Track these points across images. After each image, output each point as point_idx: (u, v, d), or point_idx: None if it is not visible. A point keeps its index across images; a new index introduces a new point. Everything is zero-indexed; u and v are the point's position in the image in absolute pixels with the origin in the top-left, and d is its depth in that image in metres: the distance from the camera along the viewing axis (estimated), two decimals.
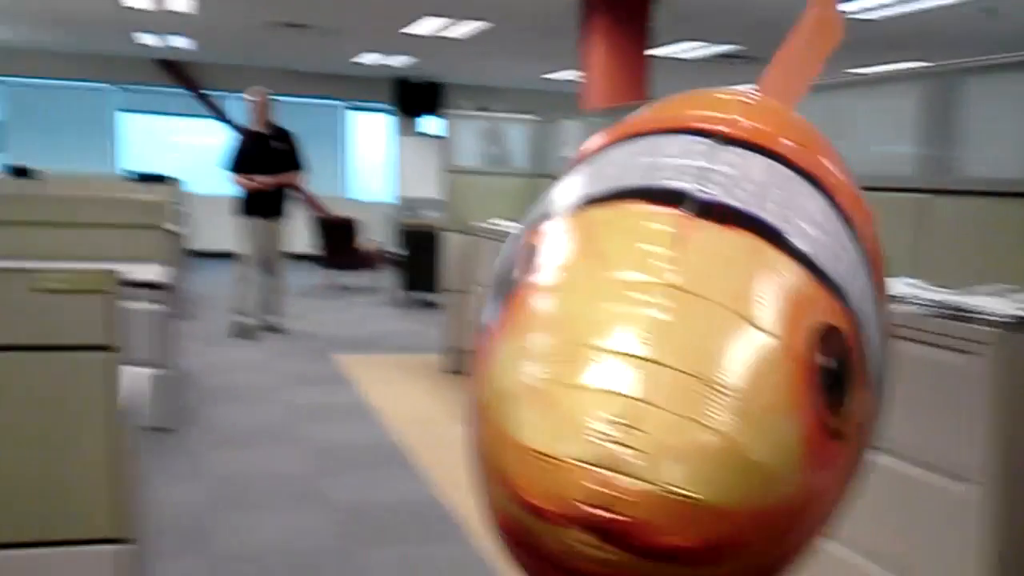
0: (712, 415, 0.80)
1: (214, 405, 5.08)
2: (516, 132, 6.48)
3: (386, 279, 10.03)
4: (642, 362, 0.82)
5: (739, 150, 1.02)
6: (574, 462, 0.78)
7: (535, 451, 0.81)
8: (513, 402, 0.87)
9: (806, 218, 0.99)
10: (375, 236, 10.97)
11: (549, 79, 12.72)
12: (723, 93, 1.16)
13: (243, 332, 7.00)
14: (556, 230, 1.02)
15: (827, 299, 0.94)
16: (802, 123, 1.16)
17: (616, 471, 0.77)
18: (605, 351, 0.83)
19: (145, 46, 11.84)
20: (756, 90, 1.23)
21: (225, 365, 6.13)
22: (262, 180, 6.80)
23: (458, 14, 8.79)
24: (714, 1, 7.67)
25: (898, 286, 2.49)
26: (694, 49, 10.10)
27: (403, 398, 5.49)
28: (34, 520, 1.96)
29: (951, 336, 2.10)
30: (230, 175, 6.96)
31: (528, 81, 13.17)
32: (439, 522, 3.47)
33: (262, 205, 6.95)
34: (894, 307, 1.32)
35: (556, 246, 1.00)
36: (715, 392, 0.81)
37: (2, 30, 11.04)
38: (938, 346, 2.12)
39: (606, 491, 0.77)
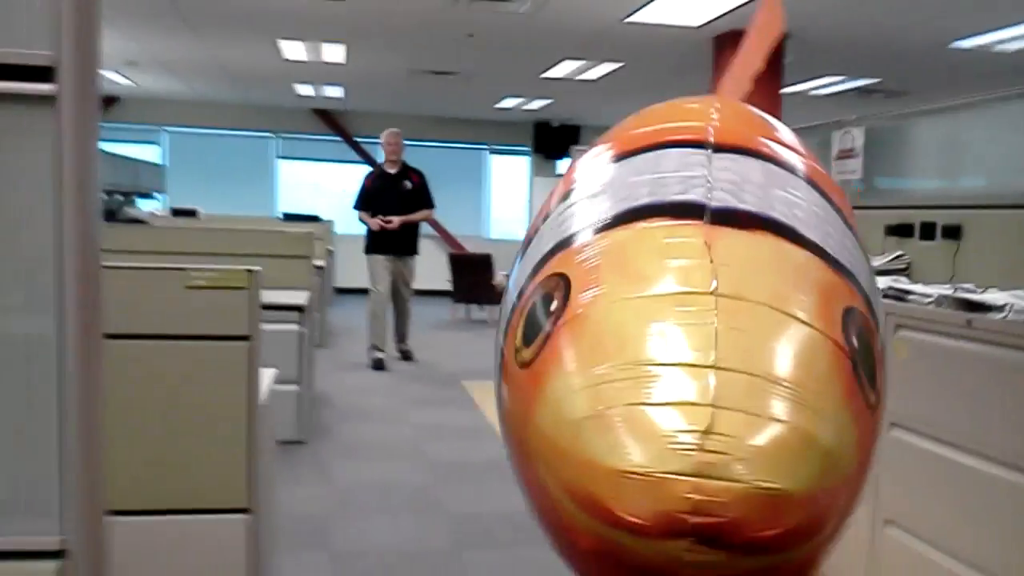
0: (781, 410, 0.85)
1: (344, 422, 5.39)
2: None
3: None
4: (705, 370, 0.85)
5: (731, 155, 1.08)
6: (666, 475, 0.80)
7: (625, 472, 0.83)
8: (591, 430, 0.88)
9: (808, 212, 1.05)
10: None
11: None
12: (691, 102, 1.23)
13: (378, 365, 7.32)
14: (583, 258, 1.05)
15: (843, 284, 1.01)
16: (761, 116, 1.23)
17: (707, 477, 0.80)
18: (667, 364, 0.87)
19: (302, 96, 12.59)
20: (716, 94, 1.29)
21: (357, 388, 6.49)
22: (389, 219, 7.15)
23: (595, 56, 9.01)
24: (850, 35, 7.63)
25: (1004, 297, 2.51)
26: (831, 85, 10.01)
27: None
28: (182, 489, 2.22)
29: None
30: (359, 213, 7.42)
31: None
32: None
33: (391, 243, 7.30)
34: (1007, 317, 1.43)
35: (589, 274, 1.03)
36: (777, 387, 0.86)
37: (173, 83, 11.97)
38: None
39: (701, 497, 0.80)
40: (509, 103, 12.64)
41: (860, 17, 6.99)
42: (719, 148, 1.08)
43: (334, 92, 12.21)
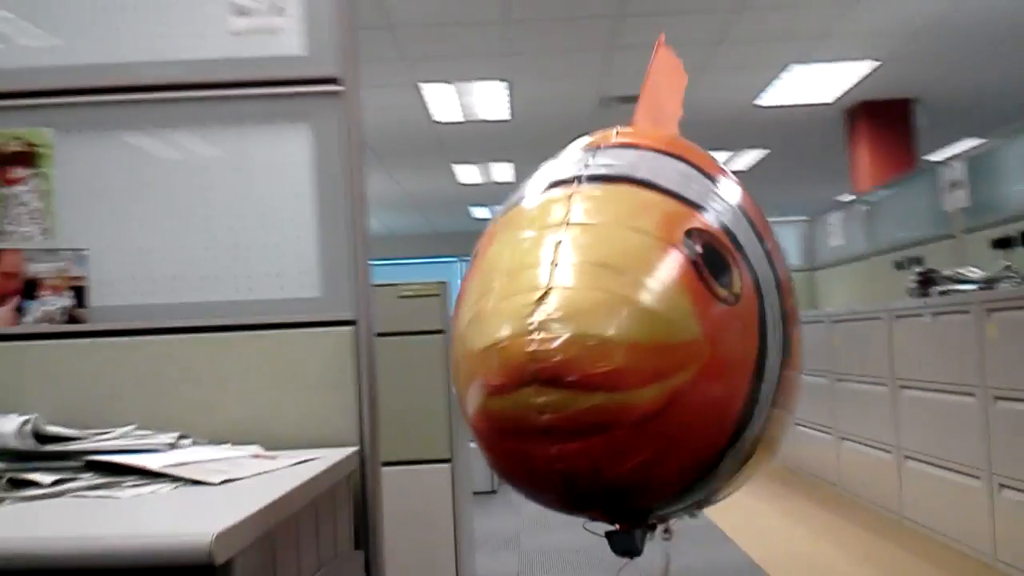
0: (605, 282, 1.02)
1: None
2: (787, 232, 7.19)
3: None
4: (552, 266, 1.05)
5: (614, 150, 1.31)
6: (513, 339, 0.98)
7: (489, 347, 1.02)
8: (471, 331, 1.08)
9: (672, 173, 1.26)
10: None
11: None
12: (603, 129, 1.48)
13: None
14: (489, 229, 1.33)
15: (693, 214, 1.17)
16: (668, 135, 1.46)
17: (546, 332, 0.97)
18: (522, 269, 1.07)
19: (477, 219, 13.75)
20: (629, 124, 1.61)
21: None
22: None
23: (736, 145, 9.67)
24: (976, 93, 7.98)
25: None
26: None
27: None
28: (411, 445, 2.97)
29: None
30: None
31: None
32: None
33: None
34: None
35: (488, 235, 1.29)
36: (605, 269, 1.03)
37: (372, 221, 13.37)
38: None
39: (537, 348, 0.96)
40: None
41: (986, 77, 7.38)
42: (607, 147, 1.32)
43: None
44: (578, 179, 1.22)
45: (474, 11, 5.72)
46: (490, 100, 7.68)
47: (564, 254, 1.06)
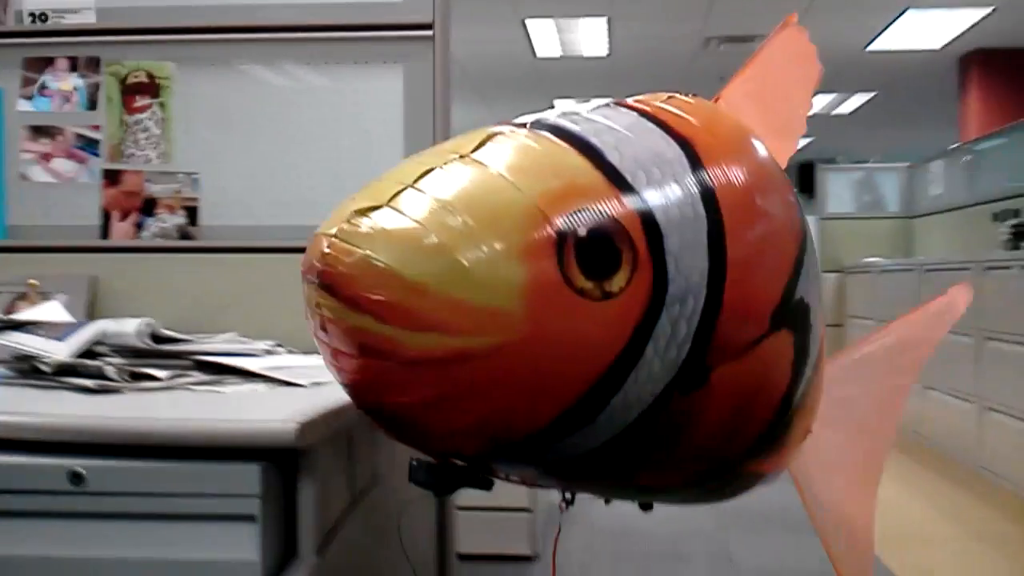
0: (437, 224, 0.93)
1: None
2: (888, 178, 7.07)
3: None
4: (408, 188, 0.97)
5: (622, 110, 1.12)
6: (320, 235, 0.95)
7: (315, 232, 0.97)
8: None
9: (642, 152, 1.04)
10: None
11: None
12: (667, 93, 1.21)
13: None
14: None
15: (611, 197, 0.99)
16: (731, 122, 1.21)
17: (343, 240, 0.93)
18: (387, 181, 0.99)
19: None
20: (715, 99, 1.36)
21: None
22: None
23: (845, 88, 9.46)
24: None
25: None
26: None
27: None
28: None
29: None
30: None
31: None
32: None
33: None
34: None
35: None
36: (445, 208, 0.94)
37: None
38: None
39: (329, 252, 0.92)
40: None
41: None
42: (627, 107, 1.14)
43: None
44: (534, 124, 1.07)
45: None
46: (590, 36, 7.69)
47: (427, 182, 0.99)
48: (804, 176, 14.39)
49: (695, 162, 1.06)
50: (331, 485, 1.15)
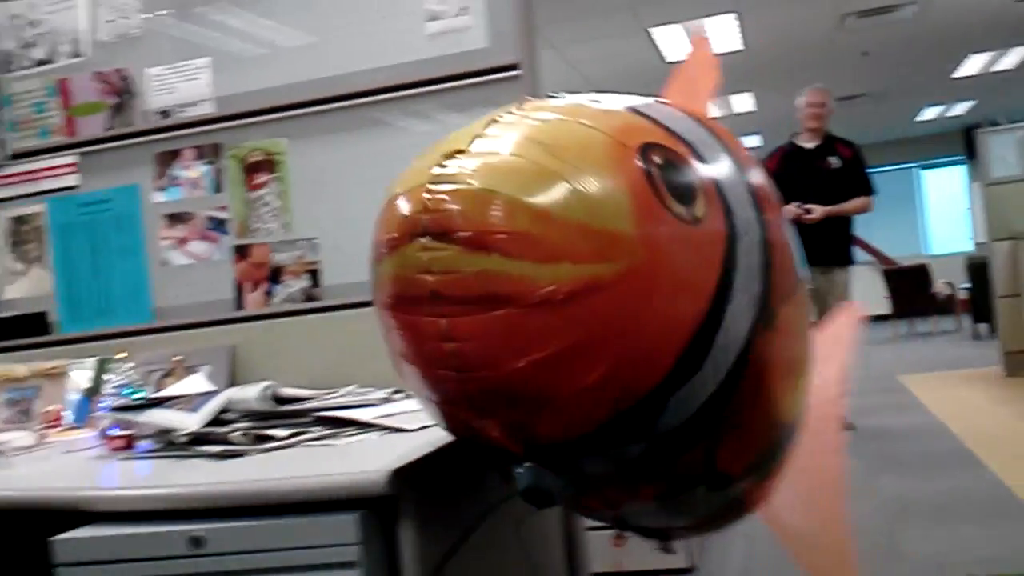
0: (539, 157, 0.91)
1: None
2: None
3: (964, 321, 10.15)
4: (475, 137, 0.95)
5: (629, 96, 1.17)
6: (412, 189, 0.89)
7: (391, 199, 0.93)
8: (390, 196, 0.96)
9: (662, 110, 1.15)
10: (951, 281, 11.04)
11: None
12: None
13: None
14: None
15: (653, 128, 1.06)
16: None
17: (447, 181, 0.88)
18: (446, 141, 0.97)
19: None
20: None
21: None
22: (809, 207, 4.86)
23: (1001, 44, 8.93)
24: None
25: None
26: None
27: (958, 396, 5.91)
28: None
29: None
30: None
31: None
32: (996, 502, 3.52)
33: (812, 247, 4.97)
34: None
35: None
36: (544, 149, 0.93)
37: None
38: None
39: (432, 197, 0.87)
40: (930, 114, 12.55)
41: None
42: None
43: (752, 141, 13.02)
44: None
45: None
46: (722, 33, 7.58)
47: (494, 129, 0.95)
48: (967, 141, 13.68)
49: (713, 133, 1.15)
50: (436, 523, 1.22)
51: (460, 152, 0.92)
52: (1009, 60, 9.53)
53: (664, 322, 0.94)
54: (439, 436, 1.28)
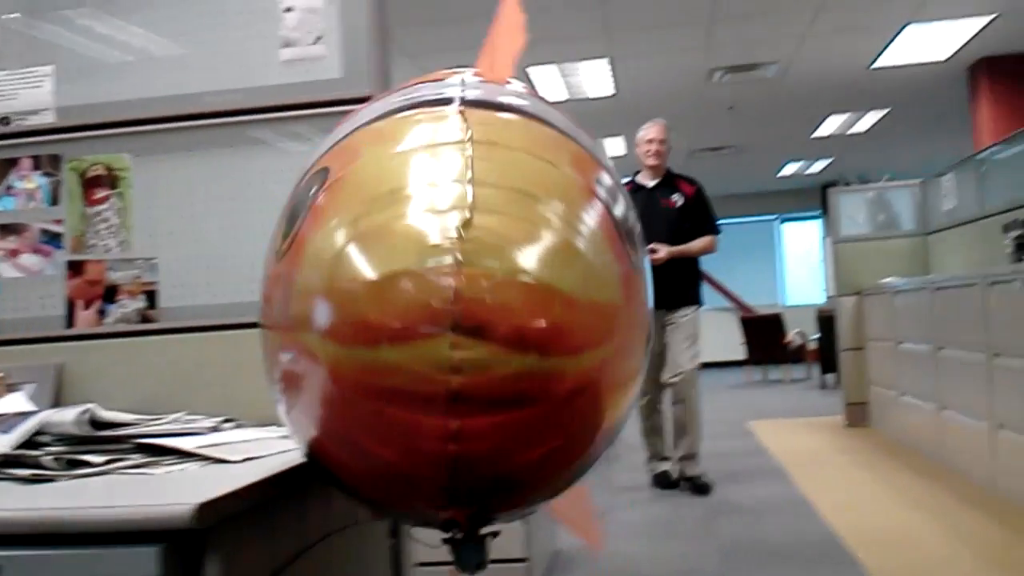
0: (541, 218, 0.83)
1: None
2: (900, 196, 7.04)
3: (814, 370, 10.64)
4: (461, 184, 0.83)
5: (480, 82, 1.12)
6: (431, 268, 0.77)
7: (391, 275, 0.79)
8: (351, 253, 0.83)
9: (558, 117, 1.09)
10: (803, 332, 11.52)
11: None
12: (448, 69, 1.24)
13: (663, 481, 4.95)
14: (342, 147, 1.04)
15: (597, 164, 1.02)
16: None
17: (469, 265, 0.76)
18: (424, 186, 0.84)
19: None
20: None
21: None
22: (654, 247, 4.66)
23: (857, 107, 9.44)
24: None
25: None
26: None
27: (800, 443, 6.18)
28: None
29: None
30: None
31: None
32: (822, 548, 3.65)
33: (659, 289, 4.27)
34: None
35: (347, 153, 1.00)
36: (537, 201, 0.84)
37: None
38: None
39: (463, 284, 0.76)
40: (791, 169, 13.15)
41: None
42: (468, 80, 1.12)
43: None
44: (458, 100, 0.98)
45: None
46: (595, 77, 7.78)
47: (481, 173, 0.85)
48: (824, 197, 14.38)
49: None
50: (249, 559, 1.20)
51: (467, 220, 0.80)
52: (864, 123, 10.09)
53: (630, 382, 0.94)
54: (261, 469, 1.27)
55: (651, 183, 5.08)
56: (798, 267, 15.25)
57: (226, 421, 1.66)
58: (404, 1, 5.71)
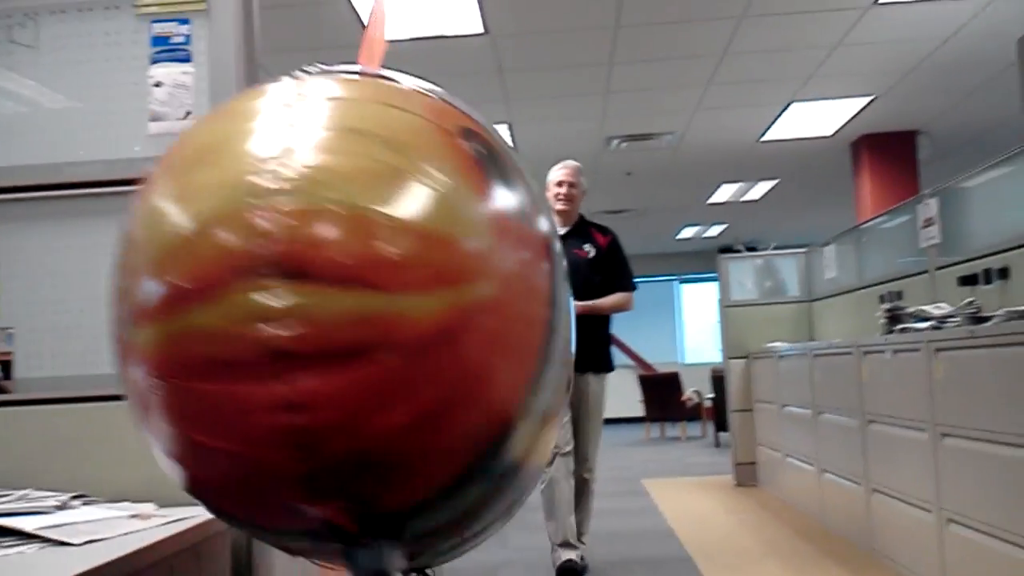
0: (379, 154, 0.75)
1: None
2: (787, 263, 7.30)
3: (709, 428, 10.85)
4: (287, 127, 0.77)
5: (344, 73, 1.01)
6: (234, 211, 0.69)
7: (191, 229, 0.72)
8: (152, 219, 0.78)
9: (429, 85, 0.99)
10: (699, 390, 11.74)
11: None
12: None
13: (570, 572, 4.22)
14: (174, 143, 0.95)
15: (460, 114, 0.92)
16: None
17: (284, 199, 0.69)
18: (242, 135, 0.78)
19: None
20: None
21: None
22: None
23: (748, 177, 9.80)
24: (982, 124, 8.03)
25: None
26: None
27: (692, 503, 6.28)
28: None
29: None
30: None
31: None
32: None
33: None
34: None
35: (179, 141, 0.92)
36: (377, 141, 0.77)
37: None
38: None
39: (276, 220, 0.68)
40: (688, 232, 13.50)
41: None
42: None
43: None
44: (303, 73, 0.91)
45: (472, 63, 5.97)
46: None
47: (303, 118, 0.77)
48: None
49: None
50: None
51: (281, 157, 0.72)
52: (756, 191, 10.45)
53: (523, 349, 0.81)
54: (101, 553, 1.25)
55: (561, 231, 4.32)
56: (696, 326, 15.59)
57: (76, 497, 1.62)
58: (275, 69, 5.74)
